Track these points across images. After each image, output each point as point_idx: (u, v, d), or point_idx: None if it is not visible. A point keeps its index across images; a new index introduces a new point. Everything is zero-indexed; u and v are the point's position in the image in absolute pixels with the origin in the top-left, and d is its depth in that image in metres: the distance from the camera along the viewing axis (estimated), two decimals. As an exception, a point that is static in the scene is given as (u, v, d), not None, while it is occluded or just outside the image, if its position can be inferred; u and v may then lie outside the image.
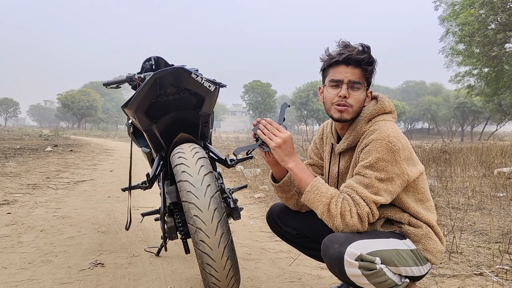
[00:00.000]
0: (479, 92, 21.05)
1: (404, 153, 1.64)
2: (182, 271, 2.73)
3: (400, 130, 1.71)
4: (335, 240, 1.58)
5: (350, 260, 1.53)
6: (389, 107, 1.80)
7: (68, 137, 28.13)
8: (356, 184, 1.62)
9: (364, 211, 1.59)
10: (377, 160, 1.60)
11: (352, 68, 1.70)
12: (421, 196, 1.77)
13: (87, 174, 8.06)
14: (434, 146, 11.99)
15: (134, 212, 4.32)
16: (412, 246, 1.71)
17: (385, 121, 1.74)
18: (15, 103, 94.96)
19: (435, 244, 1.74)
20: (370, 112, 1.76)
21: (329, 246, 1.58)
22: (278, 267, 2.84)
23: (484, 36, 15.68)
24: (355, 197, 1.60)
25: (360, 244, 1.56)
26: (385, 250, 1.60)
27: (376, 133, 1.65)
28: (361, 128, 1.75)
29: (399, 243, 1.68)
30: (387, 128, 1.65)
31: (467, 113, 57.66)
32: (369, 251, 1.56)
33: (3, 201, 4.86)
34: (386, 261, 1.59)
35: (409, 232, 1.73)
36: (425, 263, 1.73)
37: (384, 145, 1.60)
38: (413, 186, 1.74)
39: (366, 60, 1.69)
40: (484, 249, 3.20)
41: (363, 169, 1.63)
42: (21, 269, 2.69)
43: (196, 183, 1.90)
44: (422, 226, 1.73)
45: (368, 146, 1.65)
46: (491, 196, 5.23)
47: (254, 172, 7.87)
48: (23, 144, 16.30)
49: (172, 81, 2.13)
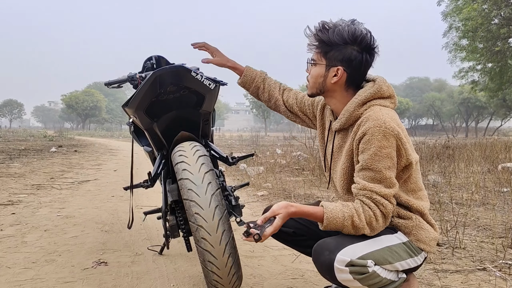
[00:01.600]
0: (483, 88, 20.98)
1: (403, 137, 1.62)
2: (185, 269, 2.74)
3: (396, 115, 1.69)
4: (325, 247, 1.58)
5: (340, 267, 1.53)
6: (388, 91, 1.75)
7: (72, 137, 28.27)
8: (371, 184, 1.60)
9: (388, 209, 1.60)
10: (379, 148, 1.57)
11: (314, 48, 1.78)
12: (413, 186, 1.75)
13: (91, 174, 8.09)
14: (438, 142, 11.95)
15: (137, 211, 4.34)
16: (404, 239, 1.70)
17: (381, 106, 1.70)
18: (19, 104, 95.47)
19: (427, 233, 1.73)
20: (365, 95, 1.71)
21: (320, 253, 1.59)
22: (281, 264, 2.84)
23: (487, 31, 15.63)
24: (376, 198, 1.59)
25: (351, 249, 1.56)
26: (377, 251, 1.60)
27: (372, 121, 1.61)
28: (354, 111, 1.72)
29: (391, 238, 1.67)
30: (382, 114, 1.61)
31: (471, 109, 57.53)
32: (360, 255, 1.55)
33: (8, 202, 4.89)
34: (380, 261, 1.59)
35: (399, 224, 1.73)
36: (419, 253, 1.73)
37: (382, 132, 1.57)
38: (408, 177, 1.73)
39: (314, 41, 1.76)
40: (487, 244, 3.19)
41: (370, 161, 1.60)
42: (25, 268, 2.71)
43: (197, 181, 1.90)
44: (412, 217, 1.73)
45: (366, 136, 1.61)
46: (495, 191, 5.21)
47: (257, 170, 7.88)
48: (28, 145, 16.38)
49: (172, 79, 2.13)
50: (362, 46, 1.69)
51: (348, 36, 1.67)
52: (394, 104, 1.76)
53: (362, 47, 1.69)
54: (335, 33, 1.68)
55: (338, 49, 1.70)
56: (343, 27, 1.68)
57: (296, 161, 9.28)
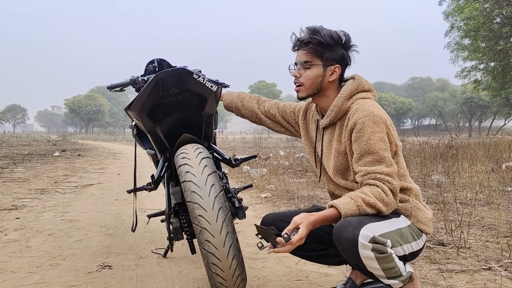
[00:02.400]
0: (486, 87, 20.95)
1: (389, 125, 1.78)
2: (189, 271, 2.74)
3: (380, 106, 1.84)
4: (348, 224, 1.62)
5: (364, 242, 1.56)
6: (367, 85, 1.92)
7: (75, 142, 28.32)
8: (372, 167, 1.70)
9: (395, 185, 1.69)
10: (372, 133, 1.71)
11: (301, 51, 1.89)
12: (403, 171, 1.87)
13: (94, 177, 8.11)
14: (441, 142, 11.92)
15: (140, 214, 4.35)
16: (408, 222, 1.80)
17: (365, 98, 1.87)
18: (22, 109, 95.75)
19: (424, 214, 1.85)
20: (349, 89, 1.88)
21: (342, 230, 1.62)
22: (285, 266, 2.84)
23: (489, 30, 15.60)
24: (380, 176, 1.67)
25: (372, 226, 1.61)
26: (391, 232, 1.67)
27: (360, 112, 1.77)
28: (342, 105, 1.87)
29: (399, 221, 1.77)
30: (368, 106, 1.78)
31: (474, 108, 57.39)
32: (380, 233, 1.61)
33: (12, 206, 4.90)
34: (393, 242, 1.65)
35: (400, 208, 1.82)
36: (420, 235, 1.82)
37: (372, 119, 1.73)
38: (396, 162, 1.82)
39: (307, 41, 1.84)
40: (492, 243, 3.18)
41: (366, 146, 1.72)
42: (30, 273, 2.71)
43: (200, 183, 1.90)
44: (409, 199, 1.84)
45: (358, 125, 1.75)
46: (499, 191, 5.19)
47: (261, 172, 7.87)
48: (31, 149, 16.43)
49: (174, 82, 2.13)
50: (347, 45, 1.90)
51: (337, 37, 1.86)
52: (375, 97, 1.94)
53: (347, 46, 1.90)
54: (327, 35, 1.83)
55: (333, 50, 1.86)
56: (328, 31, 1.86)
57: (299, 163, 9.28)
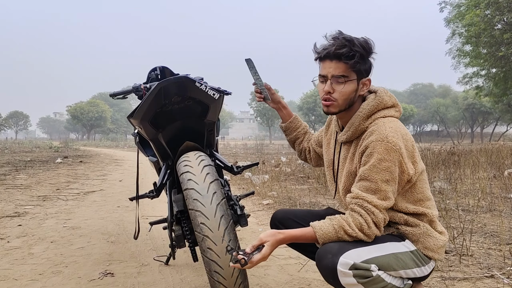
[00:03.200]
0: (487, 93, 20.96)
1: (405, 151, 1.65)
2: (191, 279, 2.74)
3: (401, 125, 1.71)
4: (328, 250, 1.57)
5: (344, 270, 1.51)
6: (390, 101, 1.78)
7: (77, 148, 28.37)
8: (364, 193, 1.62)
9: (379, 218, 1.61)
10: (379, 161, 1.60)
11: (335, 63, 1.70)
12: (420, 196, 1.75)
13: (96, 184, 8.12)
14: (443, 148, 11.90)
15: (143, 221, 4.35)
16: (412, 247, 1.70)
17: (385, 117, 1.73)
18: (25, 116, 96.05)
19: (435, 241, 1.73)
20: (369, 108, 1.75)
21: (323, 257, 1.58)
22: (287, 274, 2.83)
23: (490, 37, 15.62)
24: (367, 206, 1.60)
25: (354, 252, 1.55)
26: (381, 256, 1.59)
27: (375, 135, 1.65)
28: (360, 125, 1.75)
29: (397, 246, 1.67)
30: (385, 128, 1.65)
31: (476, 115, 57.32)
32: (363, 259, 1.55)
33: (14, 213, 4.91)
34: (384, 266, 1.58)
35: (407, 232, 1.73)
36: (427, 262, 1.72)
37: (384, 146, 1.61)
38: (411, 186, 1.73)
39: (345, 54, 1.67)
40: (495, 251, 3.17)
41: (368, 172, 1.63)
42: (32, 280, 2.72)
43: (202, 190, 1.91)
44: (420, 225, 1.73)
45: (368, 149, 1.65)
46: (501, 198, 5.18)
47: (262, 178, 7.87)
48: (34, 156, 16.46)
49: (176, 90, 2.15)
50: (371, 54, 1.74)
51: (368, 47, 1.71)
52: (399, 112, 1.80)
53: (371, 55, 1.75)
54: (362, 46, 1.69)
55: (365, 61, 1.72)
56: (360, 40, 1.70)
57: (301, 169, 9.27)
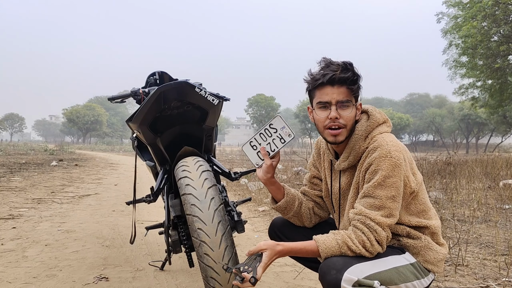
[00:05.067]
0: (483, 104, 21.05)
1: (407, 165, 1.66)
2: (187, 285, 2.73)
3: (396, 139, 1.71)
4: (332, 266, 1.56)
5: (347, 286, 1.51)
6: (382, 118, 1.78)
7: (73, 151, 28.26)
8: (368, 210, 1.61)
9: (382, 237, 1.60)
10: (384, 178, 1.60)
11: (338, 88, 1.67)
12: (423, 207, 1.76)
13: (91, 188, 8.08)
14: (439, 158, 11.94)
15: (138, 226, 4.33)
16: (412, 260, 1.70)
17: (381, 133, 1.73)
18: (20, 118, 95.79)
19: (435, 254, 1.73)
20: (364, 129, 1.74)
21: (326, 272, 1.56)
22: (283, 281, 2.82)
23: (487, 48, 15.74)
24: (370, 223, 1.60)
25: (358, 268, 1.55)
26: (384, 271, 1.59)
27: (378, 151, 1.64)
28: (360, 147, 1.73)
29: (398, 259, 1.67)
30: (386, 143, 1.64)
31: (471, 125, 57.58)
32: (366, 274, 1.55)
33: (8, 216, 4.87)
34: (386, 281, 1.58)
35: (408, 244, 1.73)
36: (426, 274, 1.72)
37: (388, 161, 1.60)
38: (414, 198, 1.74)
39: (350, 78, 1.67)
40: (490, 261, 3.18)
41: (372, 189, 1.62)
42: (26, 283, 2.69)
43: (200, 196, 1.90)
44: (421, 237, 1.73)
45: (372, 166, 1.64)
46: (496, 208, 5.20)
47: (259, 185, 7.86)
48: (29, 159, 16.38)
49: (176, 95, 2.15)
50: None
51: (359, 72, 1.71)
52: (390, 127, 1.80)
53: None
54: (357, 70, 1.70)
55: (360, 87, 1.73)
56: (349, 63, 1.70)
57: (297, 177, 9.27)
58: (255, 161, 1.94)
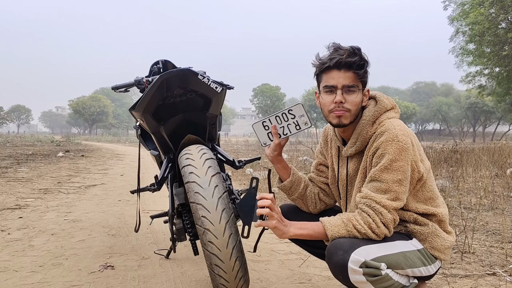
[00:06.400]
0: (490, 92, 20.91)
1: (415, 149, 1.64)
2: (192, 273, 2.73)
3: (404, 124, 1.70)
4: (339, 247, 1.56)
5: (354, 267, 1.50)
6: (390, 104, 1.77)
7: (79, 142, 28.41)
8: (374, 193, 1.61)
9: (388, 219, 1.59)
10: (391, 161, 1.59)
11: (344, 72, 1.66)
12: (430, 194, 1.75)
13: (98, 178, 8.12)
14: (446, 147, 11.88)
15: (143, 215, 4.34)
16: (419, 246, 1.69)
17: (389, 118, 1.72)
18: (27, 110, 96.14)
19: (442, 241, 1.72)
20: (372, 114, 1.73)
21: (333, 253, 1.56)
22: (288, 269, 2.82)
23: (494, 35, 15.57)
24: (375, 206, 1.59)
25: (365, 250, 1.54)
26: (391, 255, 1.58)
27: (385, 135, 1.63)
28: (367, 132, 1.73)
29: (406, 244, 1.66)
30: (393, 127, 1.63)
31: (478, 114, 57.22)
32: (374, 256, 1.54)
33: (15, 206, 4.91)
34: (392, 265, 1.57)
35: (415, 231, 1.72)
36: (433, 261, 1.72)
37: (395, 145, 1.59)
38: (422, 185, 1.72)
39: (357, 63, 1.66)
40: (497, 249, 3.16)
41: (378, 173, 1.61)
42: (32, 272, 2.71)
43: (204, 184, 1.90)
44: (428, 224, 1.72)
45: (379, 150, 1.63)
46: (503, 196, 5.17)
47: (264, 175, 7.86)
48: (35, 150, 16.48)
49: (179, 82, 2.14)
50: None
51: (367, 58, 1.71)
52: (398, 113, 1.79)
53: None
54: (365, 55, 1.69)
55: (367, 72, 1.72)
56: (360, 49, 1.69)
57: (302, 166, 9.26)
58: (264, 140, 1.95)
